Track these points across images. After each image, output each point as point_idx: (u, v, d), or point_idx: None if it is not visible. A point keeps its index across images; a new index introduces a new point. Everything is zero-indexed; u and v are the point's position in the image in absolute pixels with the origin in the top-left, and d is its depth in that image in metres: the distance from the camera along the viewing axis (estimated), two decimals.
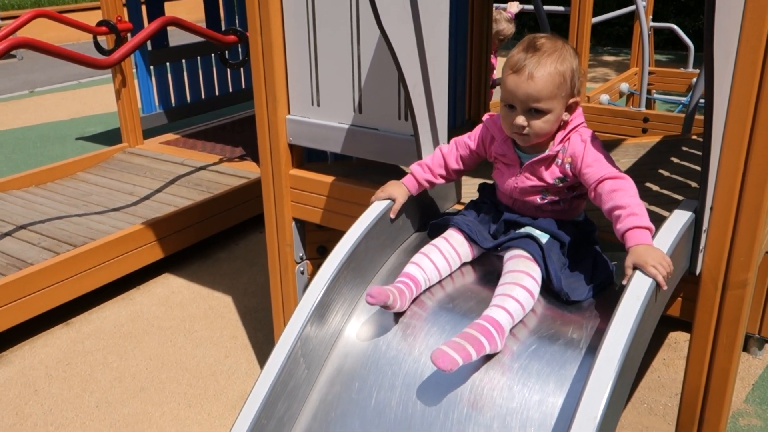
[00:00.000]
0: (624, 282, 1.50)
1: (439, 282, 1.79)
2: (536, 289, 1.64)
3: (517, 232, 1.75)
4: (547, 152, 1.71)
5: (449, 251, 1.78)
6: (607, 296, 1.67)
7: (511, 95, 1.64)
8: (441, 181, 1.95)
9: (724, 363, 1.81)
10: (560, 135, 1.71)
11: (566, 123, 1.71)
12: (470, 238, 1.80)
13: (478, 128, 1.89)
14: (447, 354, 1.46)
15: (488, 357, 1.57)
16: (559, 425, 1.44)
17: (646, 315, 1.45)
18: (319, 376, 1.69)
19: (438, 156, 1.94)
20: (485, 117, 1.89)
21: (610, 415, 1.33)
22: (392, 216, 1.89)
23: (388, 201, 1.89)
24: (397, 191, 1.91)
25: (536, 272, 1.65)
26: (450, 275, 1.80)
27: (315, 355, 1.68)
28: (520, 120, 1.65)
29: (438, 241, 1.80)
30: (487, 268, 1.82)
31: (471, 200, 1.97)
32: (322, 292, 1.68)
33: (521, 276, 1.64)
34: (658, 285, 1.49)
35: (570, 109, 1.69)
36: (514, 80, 1.63)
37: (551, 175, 1.73)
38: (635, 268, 1.51)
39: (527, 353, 1.57)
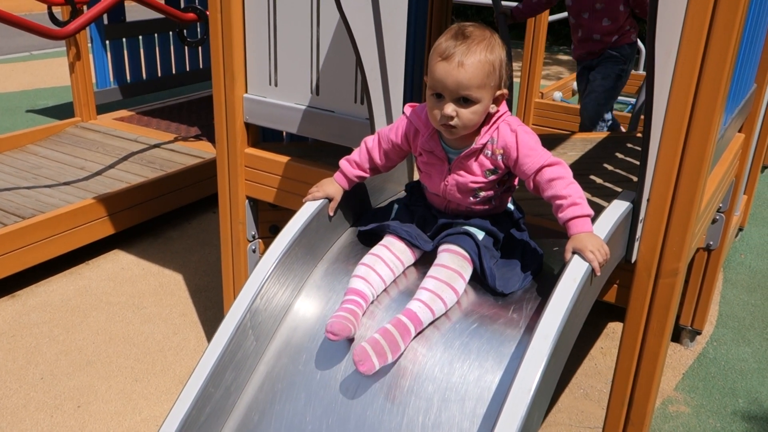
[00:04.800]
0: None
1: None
2: (462, 289, 1.68)
3: (454, 228, 1.76)
4: (474, 145, 1.69)
5: (392, 260, 1.76)
6: (546, 279, 1.75)
7: (440, 83, 1.60)
8: (372, 174, 1.91)
9: (654, 347, 1.91)
10: (485, 127, 1.69)
11: (491, 115, 1.68)
12: (411, 244, 1.79)
13: (401, 121, 1.84)
14: (369, 360, 1.52)
15: (431, 335, 1.63)
16: (496, 398, 1.50)
17: (581, 297, 1.53)
18: (267, 349, 1.73)
19: (364, 151, 1.89)
20: (407, 109, 1.82)
21: (543, 388, 1.40)
22: (330, 213, 1.87)
23: (324, 200, 1.87)
24: (332, 189, 1.88)
25: (468, 272, 1.69)
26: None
27: (264, 328, 1.72)
28: (449, 109, 1.60)
29: (380, 250, 1.77)
30: (429, 265, 1.81)
31: (399, 201, 1.95)
32: (273, 266, 1.72)
33: (454, 277, 1.66)
34: (593, 270, 1.57)
35: (497, 101, 1.66)
36: (443, 67, 1.58)
37: (481, 167, 1.71)
38: (574, 252, 1.58)
39: (468, 331, 1.63)
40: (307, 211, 1.84)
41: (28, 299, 3.35)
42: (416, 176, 2.10)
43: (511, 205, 1.87)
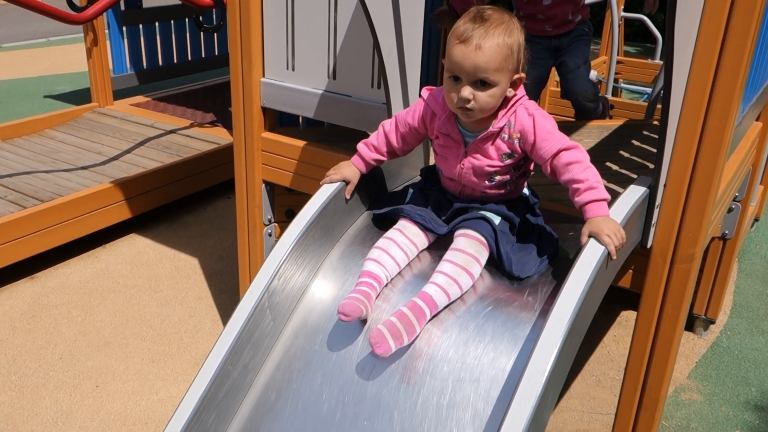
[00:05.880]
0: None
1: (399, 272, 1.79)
2: (478, 274, 1.69)
3: (471, 213, 1.77)
4: (491, 128, 1.69)
5: (406, 243, 1.77)
6: (562, 263, 1.76)
7: (457, 66, 1.60)
8: (389, 157, 1.93)
9: (668, 332, 1.92)
10: (503, 111, 1.69)
11: (508, 99, 1.69)
12: (425, 227, 1.79)
13: (418, 104, 1.85)
14: (386, 342, 1.54)
15: (446, 317, 1.65)
16: (510, 380, 1.52)
17: (596, 280, 1.53)
18: (284, 329, 1.75)
19: (381, 134, 1.90)
20: (424, 92, 1.83)
21: (558, 369, 1.42)
22: (347, 196, 1.89)
23: (341, 183, 1.89)
24: (349, 172, 1.89)
25: (484, 257, 1.70)
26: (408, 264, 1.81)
27: (281, 308, 1.74)
28: (466, 92, 1.61)
29: (393, 234, 1.78)
30: (444, 250, 1.81)
31: (414, 185, 1.95)
32: (290, 248, 1.73)
33: (471, 261, 1.67)
34: (609, 254, 1.58)
35: (514, 84, 1.67)
36: (461, 50, 1.59)
37: (497, 151, 1.72)
38: (591, 236, 1.59)
39: (483, 314, 1.64)
40: (324, 193, 1.85)
41: (47, 281, 3.40)
42: (432, 161, 2.11)
43: (526, 190, 1.87)
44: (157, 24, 5.41)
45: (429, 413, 1.52)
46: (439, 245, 1.83)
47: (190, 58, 5.73)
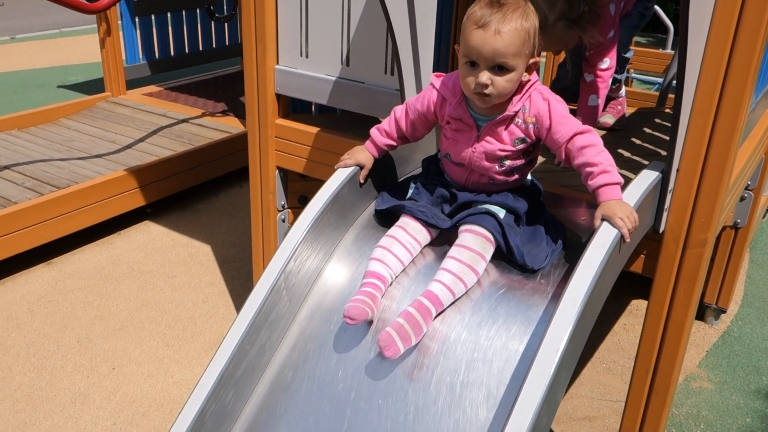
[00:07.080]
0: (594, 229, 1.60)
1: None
2: (483, 270, 1.69)
3: (475, 207, 1.76)
4: (506, 112, 1.69)
5: (409, 241, 1.77)
6: (573, 248, 1.77)
7: (475, 51, 1.60)
8: (401, 143, 1.93)
9: (680, 317, 1.93)
10: (517, 96, 1.69)
11: (523, 84, 1.69)
12: (427, 223, 1.79)
13: (428, 91, 1.84)
14: (395, 345, 1.56)
15: (459, 301, 1.66)
16: (523, 361, 1.53)
17: (609, 263, 1.54)
18: (300, 310, 1.78)
19: (393, 120, 1.91)
20: (434, 79, 1.83)
21: (570, 351, 1.43)
22: (361, 181, 1.90)
23: (355, 167, 1.90)
24: (363, 157, 1.90)
25: (490, 253, 1.71)
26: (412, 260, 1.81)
27: (296, 290, 1.76)
28: (484, 77, 1.61)
29: (396, 231, 1.78)
30: (447, 245, 1.81)
31: (415, 178, 1.95)
32: (306, 230, 1.75)
33: (476, 259, 1.67)
34: (622, 237, 1.59)
35: (529, 69, 1.67)
36: (480, 35, 1.58)
37: (510, 135, 1.72)
38: (604, 219, 1.60)
39: (496, 296, 1.66)
40: (339, 177, 1.87)
41: (63, 266, 3.44)
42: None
43: (529, 177, 1.88)
44: (169, 14, 5.44)
45: (443, 392, 1.54)
46: (442, 239, 1.83)
47: (201, 48, 5.77)
